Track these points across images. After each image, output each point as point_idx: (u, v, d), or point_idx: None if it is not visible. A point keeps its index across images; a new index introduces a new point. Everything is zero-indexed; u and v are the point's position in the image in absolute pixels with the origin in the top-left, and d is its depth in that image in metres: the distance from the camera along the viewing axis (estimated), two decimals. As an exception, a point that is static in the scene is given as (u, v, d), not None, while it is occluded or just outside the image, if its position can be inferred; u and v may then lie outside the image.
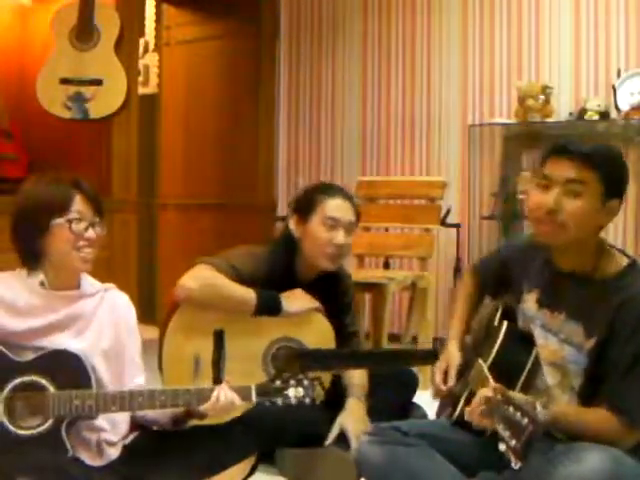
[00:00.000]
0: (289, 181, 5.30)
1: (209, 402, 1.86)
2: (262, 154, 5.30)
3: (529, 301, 1.88)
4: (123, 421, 1.96)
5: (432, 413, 2.26)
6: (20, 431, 1.78)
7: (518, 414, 1.47)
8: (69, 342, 1.87)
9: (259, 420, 2.07)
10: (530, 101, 4.18)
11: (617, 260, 1.75)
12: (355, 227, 2.53)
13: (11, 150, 4.66)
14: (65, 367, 1.82)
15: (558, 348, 1.78)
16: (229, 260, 2.45)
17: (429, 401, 2.19)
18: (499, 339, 1.87)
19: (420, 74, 4.81)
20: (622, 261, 1.75)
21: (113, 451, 1.91)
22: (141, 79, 5.39)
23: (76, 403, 1.79)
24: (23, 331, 1.85)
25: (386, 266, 4.33)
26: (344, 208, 2.50)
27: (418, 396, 2.68)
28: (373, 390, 2.53)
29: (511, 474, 1.65)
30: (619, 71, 4.12)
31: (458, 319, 2.13)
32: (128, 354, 1.99)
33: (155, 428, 2.01)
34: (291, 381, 1.91)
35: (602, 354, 1.70)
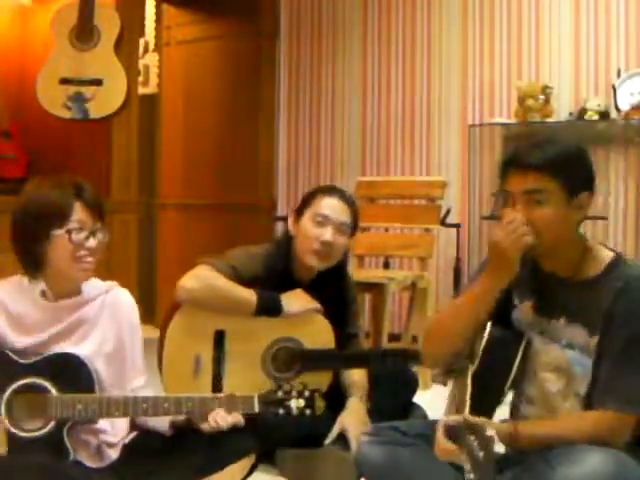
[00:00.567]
0: (289, 181, 5.30)
1: (210, 425, 1.87)
2: (262, 154, 5.28)
3: (524, 310, 1.86)
4: (123, 421, 1.95)
5: (432, 413, 2.26)
6: (21, 433, 1.77)
7: (476, 444, 1.44)
8: (73, 349, 1.86)
9: (259, 419, 2.07)
10: (530, 101, 4.18)
11: (602, 255, 1.75)
12: (348, 229, 2.50)
13: (11, 150, 4.67)
14: (68, 370, 1.82)
15: (560, 354, 1.76)
16: (229, 261, 2.45)
17: (429, 401, 2.19)
18: (484, 339, 1.85)
19: (420, 74, 4.80)
20: (606, 255, 1.75)
21: (113, 452, 1.91)
22: (141, 79, 5.39)
23: (79, 407, 1.78)
24: (26, 347, 1.85)
25: (386, 266, 4.33)
26: (337, 207, 2.49)
27: (418, 396, 2.68)
28: (373, 390, 2.52)
29: (511, 475, 1.65)
30: (619, 71, 4.12)
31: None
32: (129, 355, 1.98)
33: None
34: (293, 392, 1.92)
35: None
